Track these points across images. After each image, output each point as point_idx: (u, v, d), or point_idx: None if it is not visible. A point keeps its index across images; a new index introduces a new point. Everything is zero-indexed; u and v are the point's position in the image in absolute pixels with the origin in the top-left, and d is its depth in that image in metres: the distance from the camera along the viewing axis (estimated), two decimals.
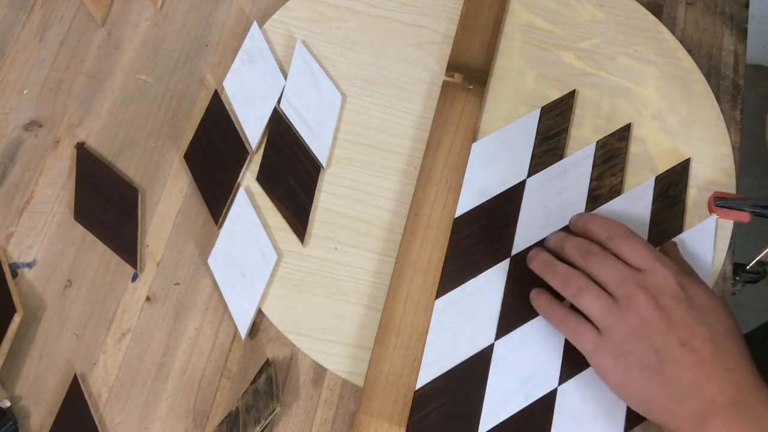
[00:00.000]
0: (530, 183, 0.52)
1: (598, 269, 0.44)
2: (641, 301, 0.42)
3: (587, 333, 0.44)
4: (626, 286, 0.43)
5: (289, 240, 0.52)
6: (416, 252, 0.50)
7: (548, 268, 0.46)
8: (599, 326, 0.43)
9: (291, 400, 0.49)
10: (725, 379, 0.40)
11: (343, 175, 0.54)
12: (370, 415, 0.46)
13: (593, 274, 0.44)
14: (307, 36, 0.58)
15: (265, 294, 0.51)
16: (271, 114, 0.55)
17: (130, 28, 0.61)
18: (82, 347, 0.51)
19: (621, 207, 0.50)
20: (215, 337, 0.51)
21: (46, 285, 0.53)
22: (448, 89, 0.55)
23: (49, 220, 0.55)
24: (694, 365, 0.40)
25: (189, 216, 0.54)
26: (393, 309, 0.49)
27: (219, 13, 0.61)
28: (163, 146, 0.57)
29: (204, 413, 0.49)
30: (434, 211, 0.51)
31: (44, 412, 0.49)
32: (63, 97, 0.59)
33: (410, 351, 0.48)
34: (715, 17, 0.58)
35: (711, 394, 0.40)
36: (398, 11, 0.59)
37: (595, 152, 0.52)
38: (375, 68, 0.57)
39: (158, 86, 0.59)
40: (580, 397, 0.46)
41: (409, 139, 0.55)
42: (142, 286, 0.52)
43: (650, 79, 0.55)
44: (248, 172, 0.54)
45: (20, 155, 0.57)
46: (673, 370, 0.41)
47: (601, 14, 0.57)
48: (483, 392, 0.47)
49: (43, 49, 0.60)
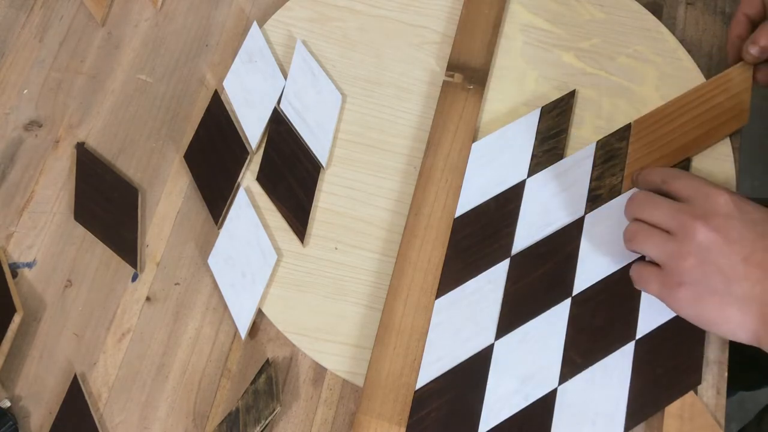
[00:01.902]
0: (530, 183, 0.52)
1: (647, 212, 0.45)
2: (696, 227, 0.42)
3: (650, 273, 0.44)
4: (678, 218, 0.43)
5: (289, 240, 0.52)
6: (416, 252, 0.50)
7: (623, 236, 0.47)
8: (660, 263, 0.43)
9: (291, 400, 0.49)
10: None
11: (343, 175, 0.54)
12: (370, 415, 0.46)
13: (646, 219, 0.45)
14: (307, 36, 0.58)
15: (265, 294, 0.51)
16: (271, 114, 0.55)
17: (130, 28, 0.61)
18: (82, 347, 0.51)
19: (621, 207, 0.50)
20: (215, 337, 0.51)
21: (46, 285, 0.53)
22: (448, 89, 0.55)
23: (49, 220, 0.55)
24: (762, 279, 0.41)
25: (189, 216, 0.54)
26: (393, 309, 0.49)
27: (219, 13, 0.61)
28: (163, 146, 0.57)
29: (204, 413, 0.49)
30: (434, 211, 0.51)
31: (44, 412, 0.49)
32: (63, 97, 0.59)
33: (410, 351, 0.48)
34: (715, 17, 0.58)
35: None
36: (398, 11, 0.59)
37: (595, 152, 0.52)
38: (375, 68, 0.57)
39: (158, 86, 0.59)
40: (580, 397, 0.46)
41: (409, 139, 0.55)
42: (142, 286, 0.52)
43: (650, 79, 0.55)
44: (248, 172, 0.54)
45: (20, 155, 0.57)
46: (742, 288, 0.41)
47: (601, 14, 0.57)
48: (483, 392, 0.47)
49: (43, 49, 0.60)
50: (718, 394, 0.47)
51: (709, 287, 0.42)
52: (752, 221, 0.42)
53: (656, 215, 0.44)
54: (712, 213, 0.42)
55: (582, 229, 0.50)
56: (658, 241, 0.43)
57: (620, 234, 0.49)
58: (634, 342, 0.47)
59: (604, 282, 0.49)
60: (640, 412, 0.46)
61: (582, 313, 0.48)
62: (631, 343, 0.47)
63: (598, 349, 0.47)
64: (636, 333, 0.47)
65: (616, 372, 0.47)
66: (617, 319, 0.48)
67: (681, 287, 0.42)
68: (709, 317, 0.42)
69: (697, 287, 0.42)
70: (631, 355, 0.47)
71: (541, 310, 0.48)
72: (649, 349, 0.47)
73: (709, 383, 0.47)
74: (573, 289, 0.49)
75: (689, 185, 0.44)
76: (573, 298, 0.48)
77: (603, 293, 0.48)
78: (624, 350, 0.47)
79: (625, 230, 0.46)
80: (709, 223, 0.42)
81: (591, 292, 0.49)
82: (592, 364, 0.47)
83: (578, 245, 0.50)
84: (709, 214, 0.42)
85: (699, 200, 0.43)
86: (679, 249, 0.42)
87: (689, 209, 0.43)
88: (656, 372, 0.47)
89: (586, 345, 0.47)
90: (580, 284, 0.49)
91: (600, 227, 0.50)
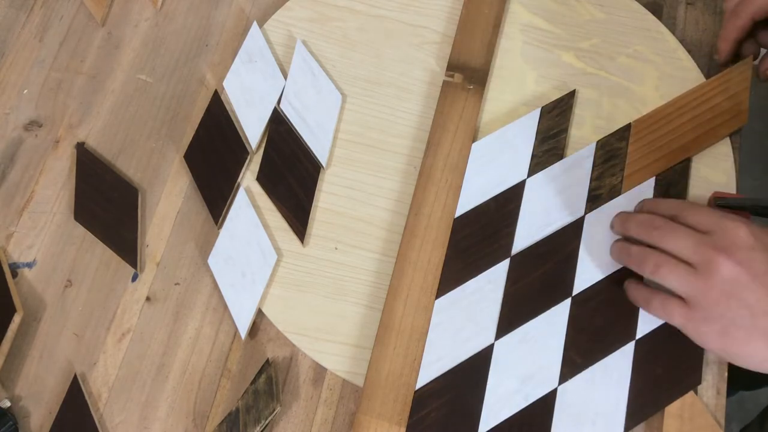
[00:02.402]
0: (530, 183, 0.52)
1: (668, 241, 0.44)
2: (720, 262, 0.42)
3: (675, 307, 0.44)
4: (701, 251, 0.43)
5: (289, 240, 0.52)
6: (416, 252, 0.50)
7: (623, 253, 0.47)
8: (685, 297, 0.43)
9: (291, 400, 0.49)
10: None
11: (343, 175, 0.54)
12: (370, 415, 0.46)
13: (665, 248, 0.44)
14: (307, 36, 0.58)
15: (265, 294, 0.51)
16: (271, 114, 0.55)
17: (130, 28, 0.61)
18: (82, 347, 0.51)
19: (621, 207, 0.50)
20: (215, 337, 0.51)
21: (46, 285, 0.53)
22: (448, 89, 0.55)
23: (49, 220, 0.55)
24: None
25: (189, 216, 0.54)
26: (393, 309, 0.49)
27: (219, 13, 0.61)
28: (163, 146, 0.57)
29: (204, 413, 0.49)
30: (434, 211, 0.51)
31: (44, 412, 0.49)
32: (63, 97, 0.59)
33: (410, 351, 0.48)
34: (715, 17, 0.58)
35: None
36: (398, 11, 0.59)
37: (595, 152, 0.52)
38: (375, 68, 0.57)
39: (158, 86, 0.59)
40: (580, 397, 0.46)
41: (409, 139, 0.55)
42: (142, 286, 0.52)
43: (650, 79, 0.55)
44: (248, 172, 0.54)
45: (20, 155, 0.57)
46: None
47: (601, 14, 0.57)
48: (483, 392, 0.47)
49: (43, 49, 0.60)
50: (718, 394, 0.47)
51: (735, 321, 0.42)
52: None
53: (677, 245, 0.44)
54: (734, 246, 0.42)
55: (582, 229, 0.50)
56: (684, 274, 0.43)
57: None
58: (634, 342, 0.47)
59: (604, 282, 0.49)
60: (640, 412, 0.46)
61: (582, 313, 0.48)
62: (631, 343, 0.47)
63: (598, 349, 0.47)
64: (636, 333, 0.47)
65: (616, 372, 0.47)
66: (617, 319, 0.48)
67: (706, 321, 0.42)
68: (736, 351, 0.42)
69: (723, 321, 0.42)
70: (631, 355, 0.47)
71: (541, 310, 0.48)
72: (649, 349, 0.47)
73: (709, 383, 0.47)
74: (573, 289, 0.49)
75: (707, 218, 0.44)
76: (573, 298, 0.48)
77: (603, 293, 0.48)
78: (624, 350, 0.47)
79: (639, 254, 0.45)
80: (732, 257, 0.42)
81: (591, 292, 0.49)
82: (592, 364, 0.47)
83: (578, 245, 0.50)
84: (731, 248, 0.42)
85: (719, 234, 0.43)
86: (704, 283, 0.42)
87: (711, 242, 0.43)
88: (656, 372, 0.47)
89: (586, 345, 0.47)
90: (580, 284, 0.49)
91: (600, 227, 0.50)
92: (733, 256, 0.42)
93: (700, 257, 0.43)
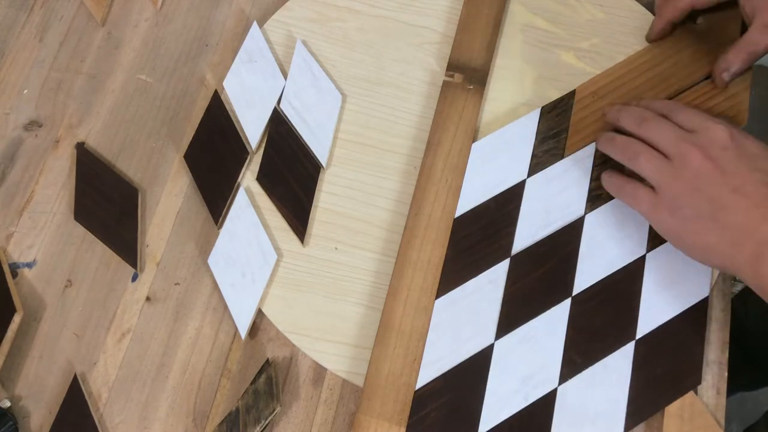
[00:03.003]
0: (530, 183, 0.52)
1: (652, 133, 0.46)
2: (694, 156, 0.43)
3: (644, 194, 0.45)
4: (679, 145, 0.44)
5: (289, 240, 0.52)
6: (416, 252, 0.50)
7: (609, 142, 0.48)
8: (655, 186, 0.45)
9: (291, 400, 0.49)
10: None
11: (343, 175, 0.54)
12: (370, 415, 0.46)
13: (648, 139, 0.46)
14: (307, 36, 0.58)
15: (265, 294, 0.51)
16: (271, 114, 0.55)
17: (130, 28, 0.61)
18: (82, 347, 0.51)
19: (621, 207, 0.50)
20: (215, 337, 0.51)
21: (46, 285, 0.53)
22: (448, 89, 0.55)
23: (49, 220, 0.55)
24: (748, 209, 0.41)
25: (189, 216, 0.54)
26: (393, 309, 0.49)
27: (219, 13, 0.61)
28: (163, 146, 0.57)
29: (204, 413, 0.49)
30: (434, 211, 0.51)
31: (44, 412, 0.49)
32: (63, 97, 0.59)
33: (410, 351, 0.48)
34: None
35: (766, 235, 0.41)
36: (398, 11, 0.59)
37: (595, 152, 0.52)
38: (375, 68, 0.57)
39: (158, 86, 0.59)
40: (580, 397, 0.46)
41: (409, 139, 0.55)
42: (142, 286, 0.52)
43: None
44: (248, 172, 0.54)
45: (20, 155, 0.57)
46: (727, 216, 0.42)
47: (601, 14, 0.57)
48: (483, 392, 0.47)
49: (43, 49, 0.60)
50: (718, 394, 0.47)
51: (696, 213, 0.43)
52: (749, 155, 0.43)
53: (660, 137, 0.45)
54: (711, 143, 0.44)
55: (582, 229, 0.50)
56: (659, 164, 0.45)
57: (620, 234, 0.50)
58: (634, 342, 0.47)
59: (604, 282, 0.49)
60: (640, 412, 0.46)
61: (582, 313, 0.48)
62: (631, 343, 0.47)
63: (598, 349, 0.47)
64: (636, 333, 0.48)
65: (615, 372, 0.47)
66: (617, 319, 0.48)
67: (669, 210, 0.44)
68: (692, 242, 0.44)
69: (685, 212, 0.43)
70: (631, 355, 0.47)
71: (541, 310, 0.48)
72: (649, 349, 0.47)
73: (709, 383, 0.47)
74: (573, 289, 0.49)
75: (693, 118, 0.46)
76: (573, 298, 0.48)
77: (603, 293, 0.48)
78: (624, 350, 0.47)
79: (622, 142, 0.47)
80: (705, 153, 0.43)
81: (591, 292, 0.49)
82: (592, 364, 0.47)
83: (578, 245, 0.50)
84: (707, 145, 0.44)
85: (700, 132, 0.44)
86: (674, 174, 0.44)
87: (691, 138, 0.44)
88: (656, 372, 0.47)
89: (586, 345, 0.47)
90: (580, 284, 0.49)
91: (600, 227, 0.50)
92: (705, 152, 0.43)
93: (676, 150, 0.44)
